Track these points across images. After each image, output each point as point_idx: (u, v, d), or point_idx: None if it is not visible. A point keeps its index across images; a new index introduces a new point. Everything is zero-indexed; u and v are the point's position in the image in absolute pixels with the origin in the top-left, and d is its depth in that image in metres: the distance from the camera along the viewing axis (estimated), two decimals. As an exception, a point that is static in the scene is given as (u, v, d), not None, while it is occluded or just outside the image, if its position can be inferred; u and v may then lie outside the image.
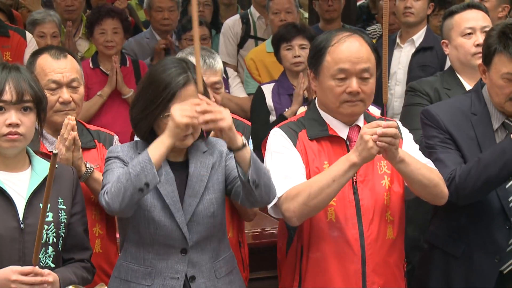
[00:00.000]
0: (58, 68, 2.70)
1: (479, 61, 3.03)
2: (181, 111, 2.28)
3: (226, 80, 4.50)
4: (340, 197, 2.58)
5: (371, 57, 2.56)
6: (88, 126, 2.89)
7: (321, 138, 2.63)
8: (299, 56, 4.04)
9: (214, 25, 5.25)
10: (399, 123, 2.73)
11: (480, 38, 3.30)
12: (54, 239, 2.41)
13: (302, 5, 6.36)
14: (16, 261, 2.30)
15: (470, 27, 3.33)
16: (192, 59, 2.75)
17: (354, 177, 2.57)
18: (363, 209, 2.56)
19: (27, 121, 2.34)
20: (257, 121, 4.00)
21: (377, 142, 2.35)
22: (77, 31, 5.08)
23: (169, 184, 2.49)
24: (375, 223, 2.58)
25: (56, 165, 2.35)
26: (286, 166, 2.56)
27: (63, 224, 2.42)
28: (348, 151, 2.60)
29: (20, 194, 2.38)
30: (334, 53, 2.51)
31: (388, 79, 4.42)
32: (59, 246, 2.42)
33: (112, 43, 4.31)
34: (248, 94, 4.61)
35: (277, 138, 2.64)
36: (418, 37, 4.31)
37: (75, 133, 2.59)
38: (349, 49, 2.51)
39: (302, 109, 3.61)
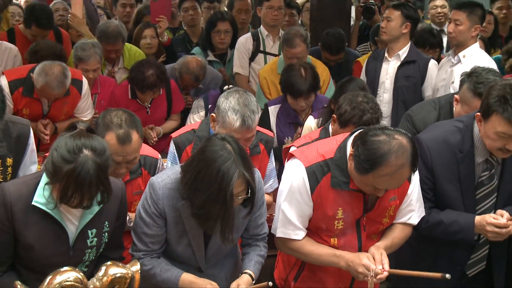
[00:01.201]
0: (121, 152, 2.65)
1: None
2: None
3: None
4: (343, 239, 2.61)
5: (406, 185, 2.55)
6: None
7: (341, 190, 2.52)
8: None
9: (232, 45, 5.38)
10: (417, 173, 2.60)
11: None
12: (93, 257, 2.44)
13: (305, 25, 6.48)
14: None
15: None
16: (231, 119, 2.79)
17: (364, 218, 2.58)
18: (363, 236, 2.63)
19: None
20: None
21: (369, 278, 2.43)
22: (116, 62, 5.01)
23: (196, 228, 2.45)
24: (372, 242, 2.65)
25: None
26: (294, 215, 2.57)
27: (103, 244, 2.43)
28: (365, 201, 2.54)
29: (73, 223, 2.35)
30: (377, 178, 2.37)
31: (377, 87, 4.58)
32: (95, 258, 2.45)
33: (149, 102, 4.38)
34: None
35: (299, 181, 2.54)
36: (403, 52, 4.51)
37: None
38: (390, 182, 2.39)
39: (313, 123, 3.71)
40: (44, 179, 2.28)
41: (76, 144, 2.16)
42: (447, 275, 2.35)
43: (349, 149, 2.47)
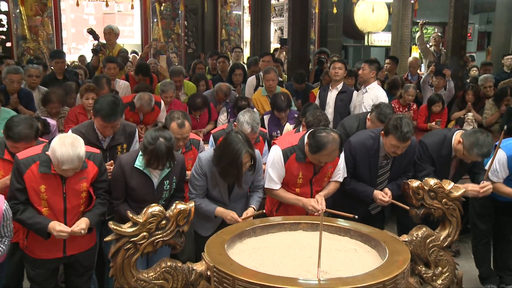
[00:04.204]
0: (179, 133, 3.65)
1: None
2: (230, 219, 3.21)
3: (252, 107, 6.00)
4: (302, 189, 3.51)
5: (337, 159, 3.40)
6: None
7: (301, 162, 3.43)
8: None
9: (243, 81, 7.27)
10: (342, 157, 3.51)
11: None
12: (167, 196, 3.33)
13: (285, 71, 8.60)
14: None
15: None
16: (246, 127, 3.83)
17: (314, 178, 3.44)
18: (313, 188, 3.52)
19: None
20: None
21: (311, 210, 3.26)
22: (180, 89, 7.09)
23: (223, 187, 3.39)
24: (318, 191, 3.56)
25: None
26: (275, 175, 3.48)
27: (173, 189, 3.35)
28: (314, 168, 3.38)
29: (156, 176, 3.26)
30: (321, 156, 3.25)
31: (325, 106, 6.17)
32: (168, 197, 3.39)
33: (198, 115, 5.95)
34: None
35: (277, 156, 3.42)
36: (340, 86, 6.28)
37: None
38: (328, 158, 3.28)
39: (290, 127, 5.01)
40: (140, 153, 3.16)
41: (156, 134, 3.04)
42: (356, 216, 2.95)
43: (306, 140, 3.31)
